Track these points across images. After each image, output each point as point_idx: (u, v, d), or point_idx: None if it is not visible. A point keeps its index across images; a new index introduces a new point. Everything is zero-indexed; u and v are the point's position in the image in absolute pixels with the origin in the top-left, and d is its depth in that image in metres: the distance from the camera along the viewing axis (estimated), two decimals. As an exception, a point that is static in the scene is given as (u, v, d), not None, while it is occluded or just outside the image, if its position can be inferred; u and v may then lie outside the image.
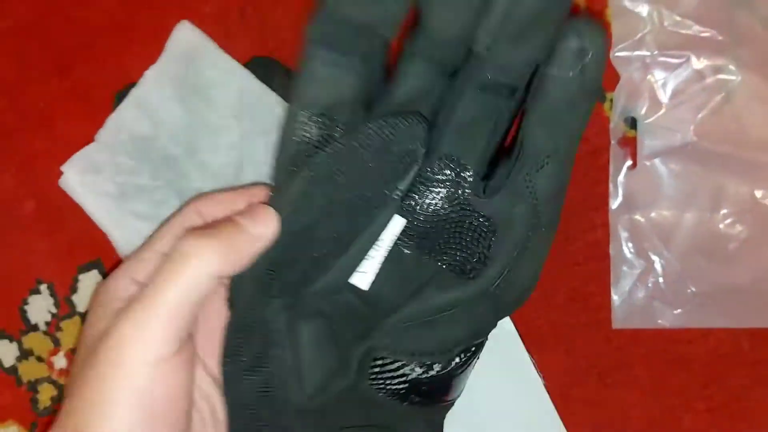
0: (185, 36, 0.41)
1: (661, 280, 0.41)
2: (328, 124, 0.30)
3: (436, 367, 0.33)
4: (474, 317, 0.32)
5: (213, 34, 0.43)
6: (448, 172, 0.31)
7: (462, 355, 0.33)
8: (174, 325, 0.28)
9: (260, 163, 0.41)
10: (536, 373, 0.40)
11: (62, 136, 0.44)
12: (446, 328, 0.32)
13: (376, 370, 0.32)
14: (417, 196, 0.31)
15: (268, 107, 0.41)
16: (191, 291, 0.28)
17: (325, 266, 0.31)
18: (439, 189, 0.31)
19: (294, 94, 0.31)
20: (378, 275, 0.32)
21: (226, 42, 0.43)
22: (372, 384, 0.33)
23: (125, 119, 0.41)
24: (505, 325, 0.40)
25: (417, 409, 0.33)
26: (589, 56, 0.29)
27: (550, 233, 0.32)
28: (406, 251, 0.32)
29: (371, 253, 0.31)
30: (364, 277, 0.32)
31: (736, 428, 0.42)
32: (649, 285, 0.41)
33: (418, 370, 0.32)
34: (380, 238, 0.31)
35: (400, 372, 0.32)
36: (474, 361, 0.35)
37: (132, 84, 0.41)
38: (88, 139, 0.43)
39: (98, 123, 0.43)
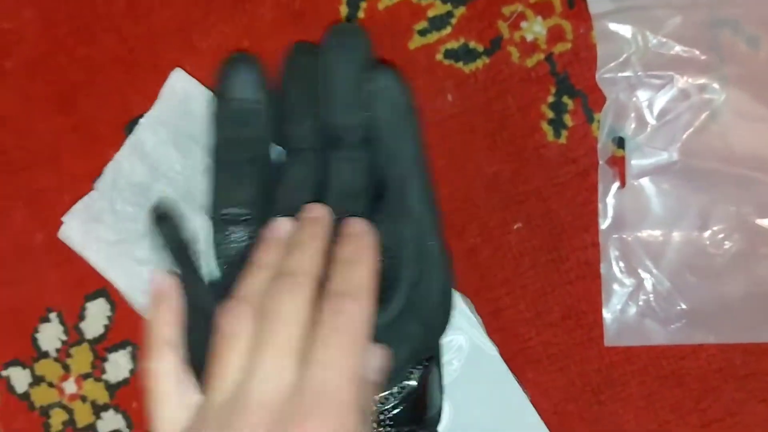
0: (180, 84, 0.42)
1: (651, 297, 0.42)
2: (240, 217, 0.37)
3: (394, 391, 0.35)
4: (406, 338, 0.35)
5: (210, 69, 0.44)
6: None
7: (413, 372, 0.35)
8: None
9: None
10: (522, 392, 0.41)
11: (68, 170, 0.46)
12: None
13: None
14: None
15: None
16: None
17: None
18: None
19: (210, 202, 0.38)
20: None
21: (222, 75, 0.44)
22: None
23: (122, 167, 0.42)
24: (487, 350, 0.40)
25: None
26: (381, 92, 0.35)
27: (436, 241, 0.36)
28: None
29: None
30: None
31: (731, 442, 0.42)
32: (640, 303, 0.42)
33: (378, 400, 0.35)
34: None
35: None
36: (432, 373, 0.36)
37: (140, 116, 0.43)
38: (93, 173, 0.45)
39: (102, 157, 0.45)
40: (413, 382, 0.35)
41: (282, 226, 0.35)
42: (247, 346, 0.29)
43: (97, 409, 0.46)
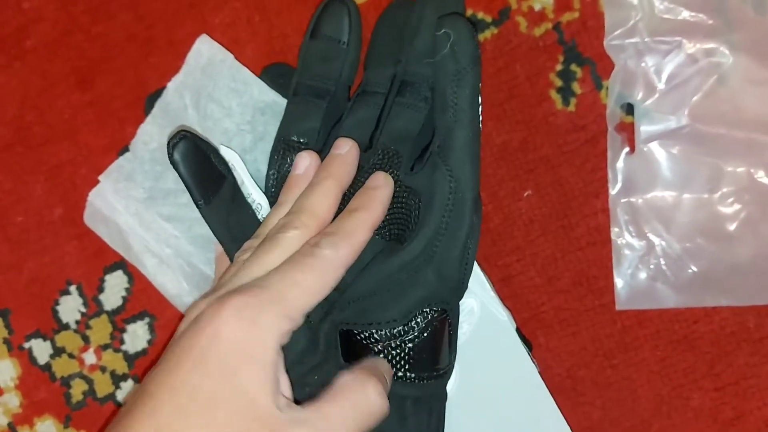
0: (205, 49, 0.43)
1: (662, 261, 0.42)
2: (299, 146, 0.40)
3: (395, 332, 0.35)
4: (419, 283, 0.36)
5: (223, 42, 0.45)
6: (386, 159, 0.38)
7: (420, 320, 0.36)
8: None
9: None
10: (531, 361, 0.40)
11: (85, 145, 0.47)
12: (396, 296, 0.36)
13: (343, 347, 0.35)
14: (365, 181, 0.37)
15: (280, 113, 0.43)
16: None
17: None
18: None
19: (280, 126, 0.41)
20: None
21: (235, 49, 0.45)
22: (347, 362, 0.35)
23: (153, 129, 0.44)
24: (498, 315, 0.40)
25: (407, 385, 0.35)
26: (453, 36, 0.36)
27: (470, 197, 0.36)
28: None
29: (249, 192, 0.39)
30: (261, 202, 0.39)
31: (745, 406, 0.42)
32: (651, 266, 0.42)
33: (381, 339, 0.35)
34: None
35: (367, 346, 0.35)
36: (444, 328, 0.36)
37: (160, 89, 0.44)
38: (110, 148, 0.46)
39: (119, 132, 0.46)
40: (421, 325, 0.35)
41: (301, 162, 0.38)
42: (244, 260, 0.35)
43: (117, 380, 0.47)
